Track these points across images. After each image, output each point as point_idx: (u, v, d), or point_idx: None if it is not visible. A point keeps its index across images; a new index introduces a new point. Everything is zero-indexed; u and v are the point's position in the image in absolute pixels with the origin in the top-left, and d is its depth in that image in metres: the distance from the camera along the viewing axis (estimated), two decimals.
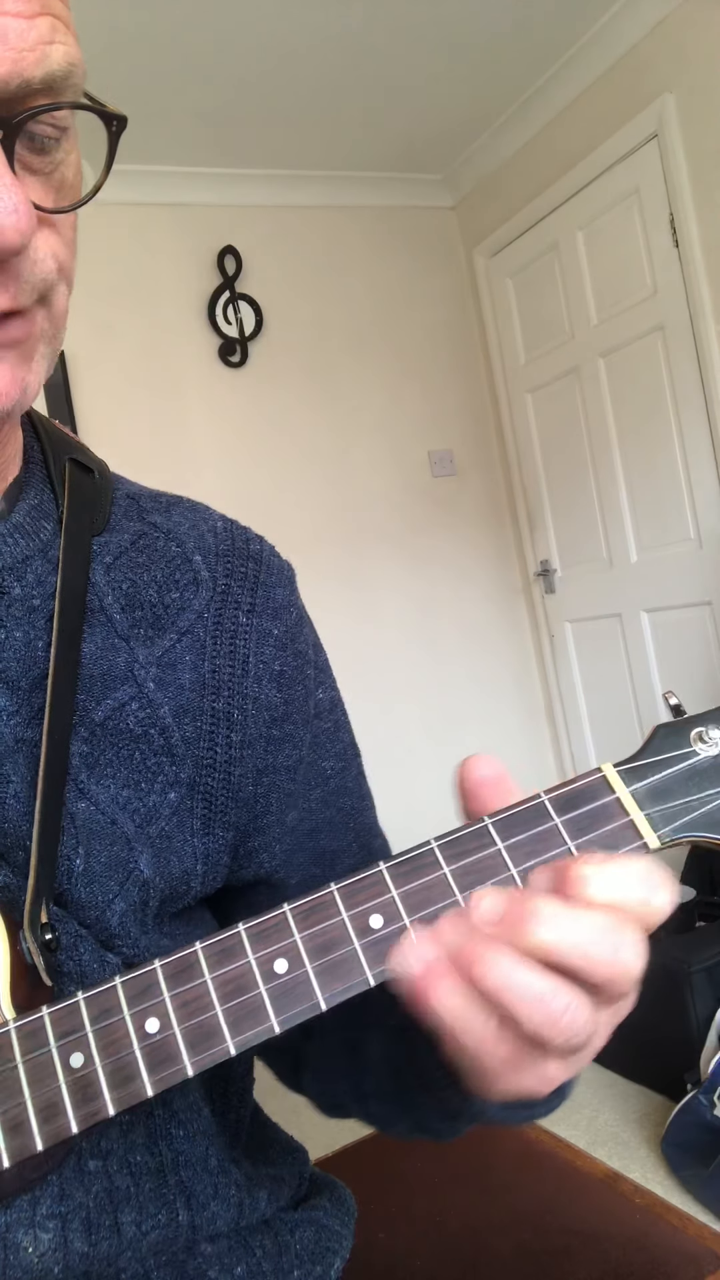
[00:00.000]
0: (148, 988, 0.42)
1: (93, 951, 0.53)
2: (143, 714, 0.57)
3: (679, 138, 2.59)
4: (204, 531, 0.65)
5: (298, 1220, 0.64)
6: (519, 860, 0.42)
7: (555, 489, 3.30)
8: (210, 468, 3.03)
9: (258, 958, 0.42)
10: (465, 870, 0.42)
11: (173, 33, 2.36)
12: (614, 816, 0.43)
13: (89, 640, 0.57)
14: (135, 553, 0.61)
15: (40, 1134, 0.40)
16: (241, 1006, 0.41)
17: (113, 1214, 0.52)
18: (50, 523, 0.59)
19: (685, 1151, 1.80)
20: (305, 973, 0.41)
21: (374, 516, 3.27)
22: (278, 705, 0.63)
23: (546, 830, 0.43)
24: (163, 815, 0.57)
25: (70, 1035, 0.41)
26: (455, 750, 3.34)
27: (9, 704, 0.54)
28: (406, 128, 3.04)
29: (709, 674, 2.80)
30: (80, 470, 0.62)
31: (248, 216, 3.14)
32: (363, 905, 0.42)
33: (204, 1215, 0.56)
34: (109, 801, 0.55)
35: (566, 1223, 0.82)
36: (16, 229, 0.42)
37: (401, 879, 0.42)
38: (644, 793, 0.43)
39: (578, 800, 0.43)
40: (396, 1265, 0.77)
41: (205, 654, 0.60)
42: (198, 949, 0.42)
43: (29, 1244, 0.50)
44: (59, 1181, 0.51)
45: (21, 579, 0.56)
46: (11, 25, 0.41)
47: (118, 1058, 0.41)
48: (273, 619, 0.64)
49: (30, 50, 0.42)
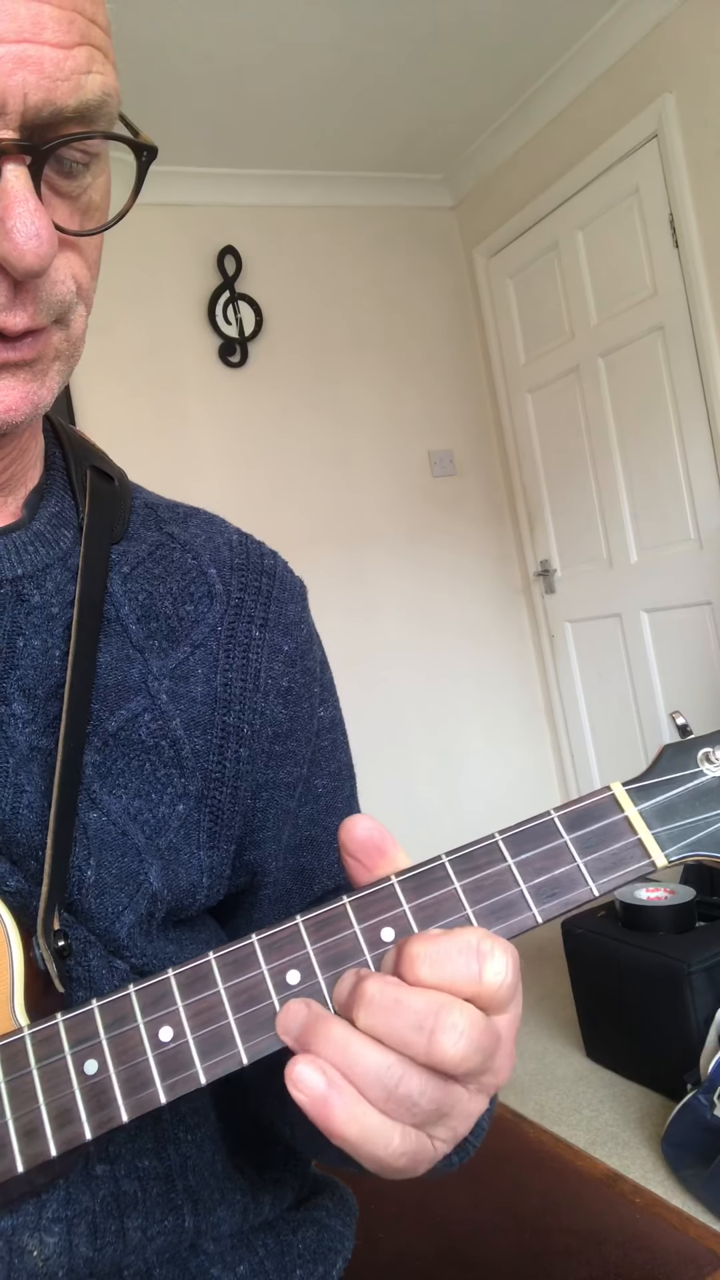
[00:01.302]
0: (161, 996, 0.42)
1: (101, 958, 0.53)
2: (155, 725, 0.57)
3: (679, 138, 2.60)
4: (219, 545, 0.65)
5: (300, 1220, 0.64)
6: (528, 876, 0.43)
7: (555, 489, 3.30)
8: (210, 468, 3.03)
9: (270, 968, 0.42)
10: (475, 885, 0.43)
11: (172, 33, 2.36)
12: (622, 835, 0.44)
13: (105, 650, 0.57)
14: (152, 564, 0.62)
15: (54, 1140, 0.41)
16: (254, 1016, 0.41)
17: (119, 1219, 0.52)
18: (70, 530, 0.59)
19: (685, 1151, 1.80)
20: (317, 984, 0.42)
21: (374, 516, 3.27)
22: (283, 721, 0.63)
23: (556, 847, 0.43)
24: (171, 827, 0.57)
25: (85, 1042, 0.42)
26: (455, 750, 3.34)
27: (25, 711, 0.54)
28: (406, 128, 3.04)
29: (709, 674, 2.80)
30: (101, 478, 0.62)
31: (248, 216, 3.14)
32: (375, 918, 0.43)
33: (209, 1220, 0.57)
34: (120, 812, 0.55)
35: (566, 1223, 0.82)
36: (37, 254, 0.43)
37: (412, 892, 0.43)
38: (651, 812, 0.44)
39: (587, 818, 0.44)
40: (397, 1265, 0.77)
41: (217, 667, 0.61)
42: (211, 959, 0.42)
43: (34, 1248, 0.50)
44: (65, 1185, 0.51)
45: (41, 587, 0.56)
46: (48, 54, 0.42)
47: (131, 1065, 0.41)
48: (284, 635, 0.64)
49: (65, 80, 0.43)
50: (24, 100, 0.42)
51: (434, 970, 0.39)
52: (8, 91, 0.41)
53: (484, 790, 3.36)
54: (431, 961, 0.39)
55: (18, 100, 0.42)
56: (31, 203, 0.43)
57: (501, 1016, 0.41)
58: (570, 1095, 2.13)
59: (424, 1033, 0.38)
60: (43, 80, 0.42)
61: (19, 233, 0.42)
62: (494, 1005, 0.40)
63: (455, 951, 0.39)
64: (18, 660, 0.54)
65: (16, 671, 0.54)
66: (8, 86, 0.41)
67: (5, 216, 0.43)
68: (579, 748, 3.37)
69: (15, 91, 0.41)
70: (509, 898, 0.43)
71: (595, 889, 0.43)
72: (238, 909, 0.67)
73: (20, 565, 0.56)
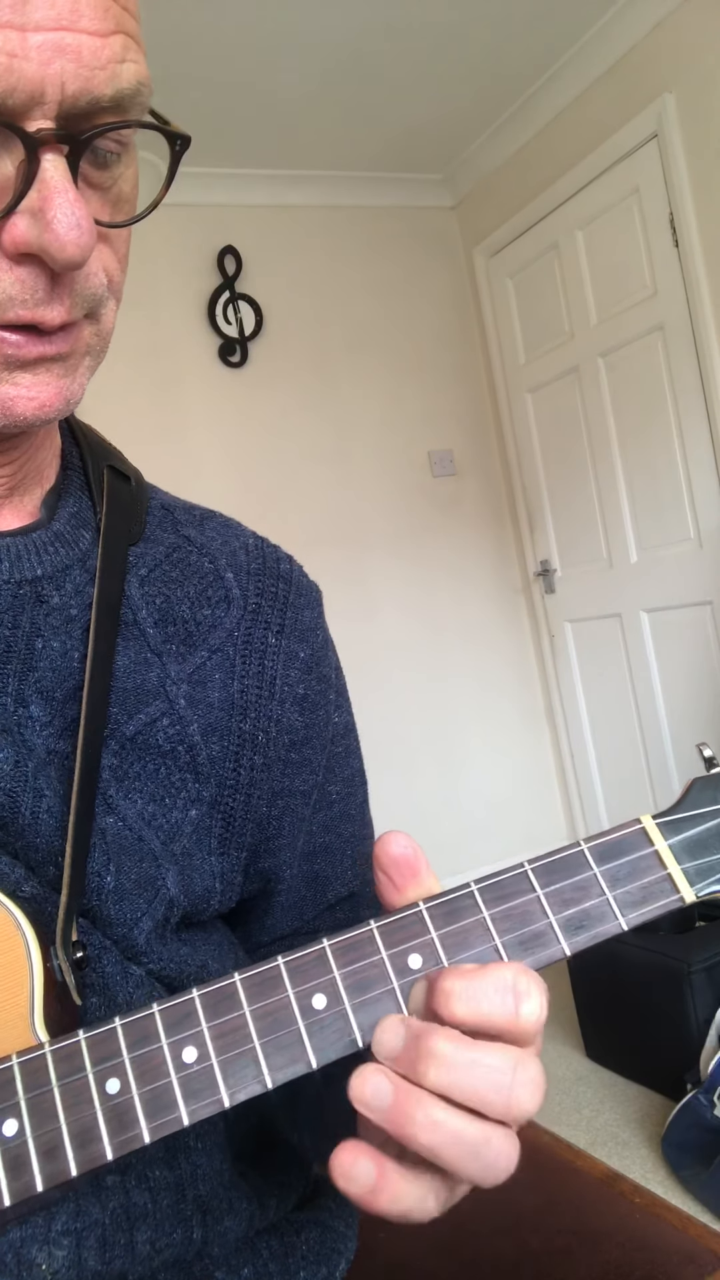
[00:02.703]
0: (185, 1016, 0.41)
1: (116, 963, 0.53)
2: (172, 730, 0.57)
3: (679, 138, 2.59)
4: (236, 548, 0.64)
5: (304, 1221, 0.64)
6: (557, 908, 0.43)
7: (555, 489, 3.30)
8: (210, 468, 3.02)
9: (296, 992, 0.41)
10: (504, 915, 0.43)
11: (172, 33, 2.36)
12: (652, 869, 0.43)
13: (122, 653, 0.56)
14: (169, 566, 0.61)
15: (75, 1159, 0.40)
16: (278, 1040, 0.41)
17: (129, 1232, 0.51)
18: (89, 531, 0.58)
19: (685, 1151, 1.80)
20: (343, 1009, 0.41)
21: (374, 516, 3.27)
22: (299, 729, 0.63)
23: (585, 879, 0.43)
24: (184, 833, 0.57)
25: (107, 1061, 0.41)
26: (455, 750, 3.35)
27: (43, 714, 0.53)
28: (406, 128, 3.04)
29: (709, 674, 2.80)
30: (118, 478, 0.62)
31: (248, 216, 3.14)
32: (402, 945, 0.42)
33: (217, 1230, 0.56)
34: (135, 817, 0.55)
35: (566, 1223, 0.82)
36: (78, 244, 0.42)
37: (440, 920, 0.42)
38: (681, 846, 0.44)
39: (616, 851, 0.44)
40: (397, 1265, 0.77)
41: (234, 673, 0.60)
42: (236, 979, 0.42)
43: (43, 1260, 0.49)
44: (75, 1197, 0.50)
45: (60, 588, 0.55)
46: (86, 42, 0.41)
47: (155, 1086, 0.40)
48: (300, 641, 0.64)
49: (102, 68, 0.42)
50: (62, 89, 0.41)
51: (469, 1007, 0.39)
52: (46, 80, 0.40)
53: (484, 790, 3.36)
54: (468, 999, 0.39)
55: (56, 89, 0.41)
56: (71, 193, 0.42)
57: (530, 1049, 0.41)
58: (570, 1095, 2.13)
59: (503, 1092, 0.38)
60: (80, 69, 0.41)
61: (60, 223, 0.42)
62: (524, 1041, 0.40)
63: (492, 990, 0.39)
64: (36, 662, 0.54)
65: (35, 673, 0.53)
66: (46, 75, 0.40)
67: (45, 207, 0.42)
68: (579, 748, 3.37)
69: (54, 80, 0.41)
70: (537, 929, 0.42)
71: (625, 924, 0.42)
72: (250, 914, 0.66)
73: (40, 566, 0.55)
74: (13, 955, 0.46)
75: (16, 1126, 0.40)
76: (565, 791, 3.49)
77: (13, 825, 0.51)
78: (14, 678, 0.53)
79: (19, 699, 0.53)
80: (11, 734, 0.52)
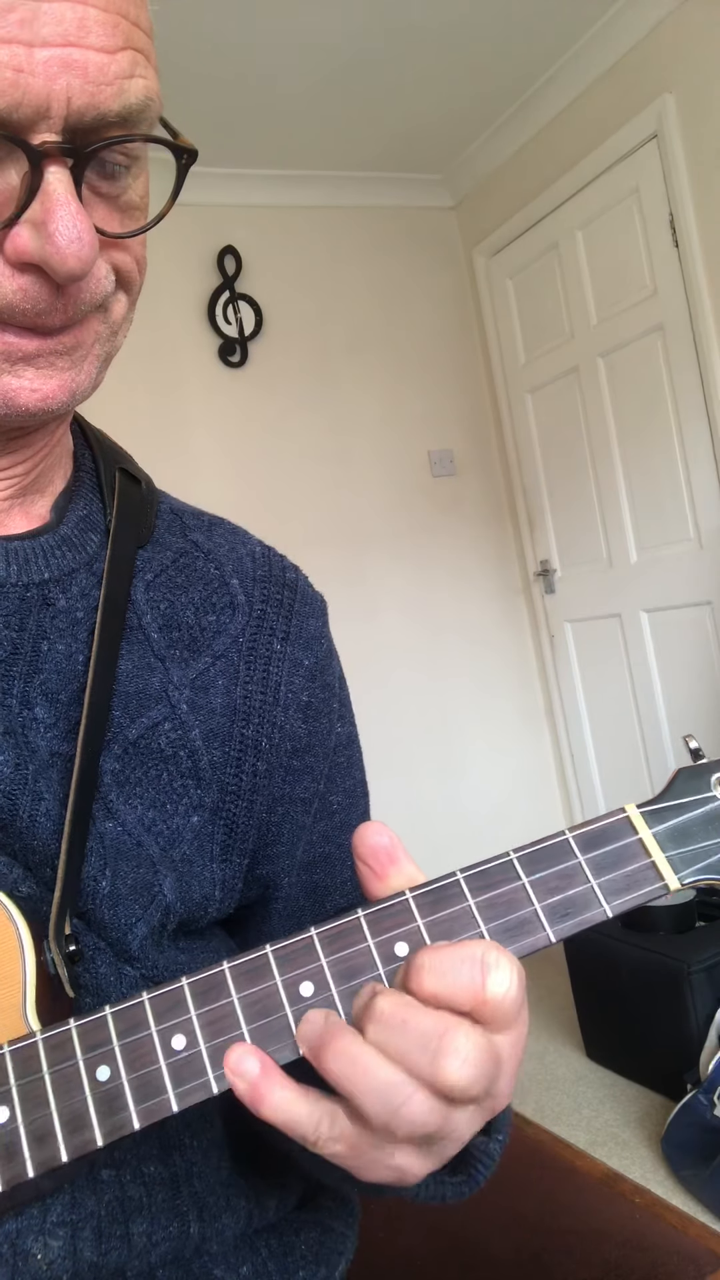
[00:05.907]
0: (175, 1004, 0.42)
1: (110, 965, 0.53)
2: (174, 735, 0.57)
3: (679, 138, 2.59)
4: (242, 556, 0.65)
5: (303, 1221, 0.64)
6: (542, 896, 0.43)
7: (555, 489, 3.30)
8: (210, 468, 3.02)
9: (284, 980, 0.42)
10: (490, 903, 0.43)
11: (171, 33, 2.36)
12: (636, 857, 0.44)
13: (126, 658, 0.57)
14: (175, 571, 0.61)
15: (66, 1146, 0.41)
16: (267, 1027, 0.41)
17: (124, 1224, 0.52)
18: (97, 534, 0.59)
19: (685, 1151, 1.80)
20: (331, 996, 0.42)
21: (374, 516, 3.27)
22: (301, 736, 0.63)
23: (570, 868, 0.44)
24: (185, 839, 0.57)
25: (97, 1048, 0.42)
26: (455, 750, 3.34)
27: (47, 716, 0.53)
28: (406, 128, 3.04)
29: (709, 674, 2.80)
30: (129, 481, 0.62)
31: (248, 216, 3.14)
32: (388, 933, 0.43)
33: (214, 1227, 0.56)
34: (135, 822, 0.55)
35: (566, 1223, 0.81)
36: (78, 256, 0.43)
37: (427, 908, 0.43)
38: (665, 835, 0.44)
39: (601, 839, 0.44)
40: (397, 1265, 0.77)
41: (238, 679, 0.60)
42: (225, 968, 0.42)
43: (39, 1251, 0.49)
44: (71, 1190, 0.51)
45: (67, 591, 0.56)
46: (93, 59, 0.42)
47: (144, 1072, 0.41)
48: (305, 649, 0.64)
49: (109, 84, 0.43)
50: (68, 104, 0.42)
51: (438, 980, 0.39)
52: (52, 95, 0.41)
53: (483, 789, 3.36)
54: (437, 972, 0.39)
55: (61, 104, 0.42)
56: (73, 205, 0.43)
57: (504, 1035, 0.41)
58: (570, 1095, 2.12)
59: (428, 1054, 0.38)
60: (86, 85, 0.42)
61: (61, 235, 0.43)
62: (496, 1020, 0.40)
63: (460, 961, 0.39)
64: (41, 664, 0.54)
65: (40, 676, 0.54)
66: (52, 90, 0.41)
67: (47, 220, 0.43)
68: (579, 747, 3.37)
69: (59, 95, 0.42)
70: (523, 916, 0.43)
71: (609, 910, 0.43)
72: (249, 921, 0.66)
73: (47, 569, 0.56)
74: (5, 947, 0.46)
75: (8, 1113, 0.41)
76: (565, 791, 3.49)
77: (11, 827, 0.52)
78: (20, 680, 0.53)
79: (24, 701, 0.53)
80: (15, 736, 0.53)
